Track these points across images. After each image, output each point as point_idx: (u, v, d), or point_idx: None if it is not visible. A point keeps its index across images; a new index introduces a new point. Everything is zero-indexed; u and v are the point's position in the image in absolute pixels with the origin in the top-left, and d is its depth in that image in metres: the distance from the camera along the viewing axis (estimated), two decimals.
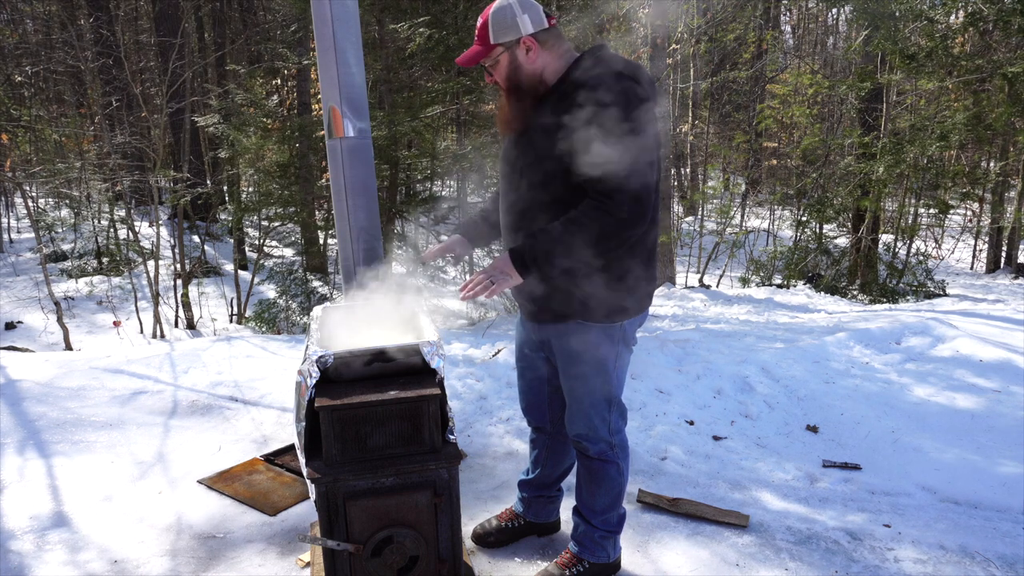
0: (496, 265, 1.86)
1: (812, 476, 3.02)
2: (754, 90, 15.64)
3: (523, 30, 1.90)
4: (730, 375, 3.93)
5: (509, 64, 1.94)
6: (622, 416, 2.15)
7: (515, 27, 1.90)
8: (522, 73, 1.94)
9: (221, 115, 7.05)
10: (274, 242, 10.36)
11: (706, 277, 10.13)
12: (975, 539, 2.51)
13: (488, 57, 1.95)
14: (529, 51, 1.92)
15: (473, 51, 1.96)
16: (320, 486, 1.80)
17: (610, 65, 1.86)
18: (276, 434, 3.34)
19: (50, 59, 12.23)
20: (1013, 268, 11.61)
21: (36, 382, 3.79)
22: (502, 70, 1.95)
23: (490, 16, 1.91)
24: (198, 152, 11.71)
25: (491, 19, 1.91)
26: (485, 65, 1.99)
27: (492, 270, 1.85)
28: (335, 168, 2.73)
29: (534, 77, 1.94)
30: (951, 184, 9.85)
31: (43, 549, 2.41)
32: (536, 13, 1.92)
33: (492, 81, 2.00)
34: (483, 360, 4.18)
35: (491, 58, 1.95)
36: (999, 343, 4.31)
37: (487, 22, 1.92)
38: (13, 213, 12.48)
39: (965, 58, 7.56)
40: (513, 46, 1.92)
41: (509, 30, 1.90)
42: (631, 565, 2.33)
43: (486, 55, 1.94)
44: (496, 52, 1.93)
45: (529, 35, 1.91)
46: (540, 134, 1.90)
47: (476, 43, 1.96)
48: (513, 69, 1.94)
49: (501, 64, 1.95)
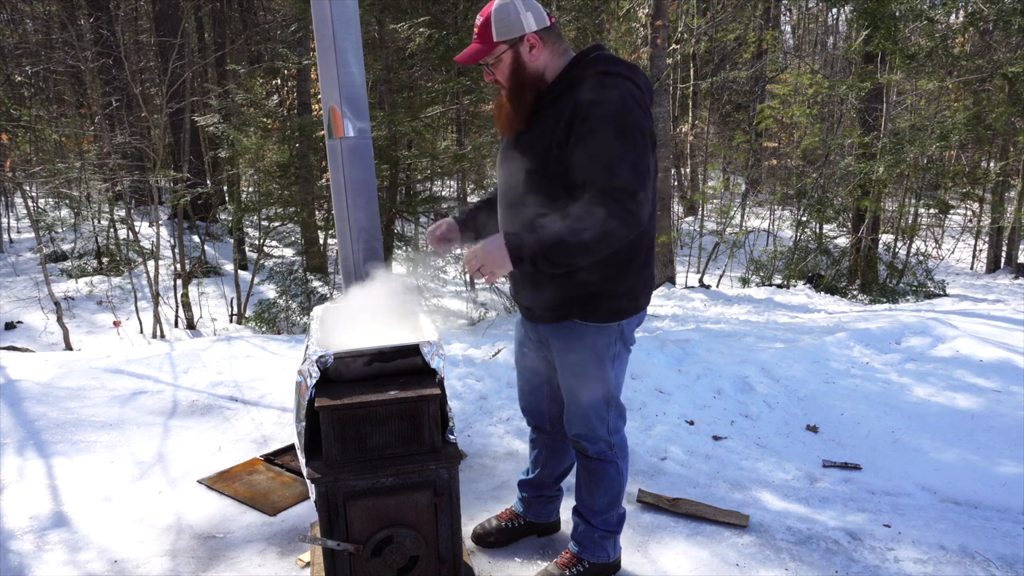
0: (488, 251, 1.78)
1: (812, 476, 3.02)
2: (754, 90, 15.65)
3: (527, 27, 1.89)
4: (730, 375, 3.93)
5: (513, 62, 1.92)
6: (621, 416, 2.15)
7: (519, 24, 1.89)
8: (525, 71, 1.92)
9: (221, 115, 7.04)
10: (274, 242, 10.36)
11: (706, 277, 10.13)
12: (975, 539, 2.51)
13: (490, 55, 1.93)
14: (532, 49, 1.91)
15: (473, 49, 1.94)
16: (320, 486, 1.80)
17: (607, 65, 1.86)
18: (276, 434, 3.34)
19: (50, 59, 12.23)
20: (1013, 268, 11.61)
21: (36, 382, 3.79)
22: (505, 68, 1.94)
23: (492, 13, 1.90)
24: (198, 152, 11.71)
25: (494, 16, 1.90)
26: (487, 63, 1.97)
27: (484, 256, 1.78)
28: (335, 168, 2.73)
29: (536, 75, 1.93)
30: (951, 184, 9.86)
31: (43, 549, 2.41)
32: (538, 11, 1.92)
33: (492, 80, 1.99)
34: (483, 360, 4.18)
35: (493, 56, 1.93)
36: (999, 343, 4.31)
37: (489, 19, 1.90)
38: (13, 213, 12.47)
39: (965, 58, 7.57)
40: (517, 44, 1.91)
41: (513, 27, 1.89)
42: (631, 565, 2.33)
43: (488, 53, 1.92)
44: (499, 50, 1.92)
45: (533, 32, 1.90)
46: (539, 133, 1.90)
47: (476, 41, 1.94)
48: (516, 67, 1.92)
49: (504, 62, 1.93)
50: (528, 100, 1.94)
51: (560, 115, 1.85)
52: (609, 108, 1.78)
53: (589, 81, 1.83)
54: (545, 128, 1.88)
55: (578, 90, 1.84)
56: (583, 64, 1.89)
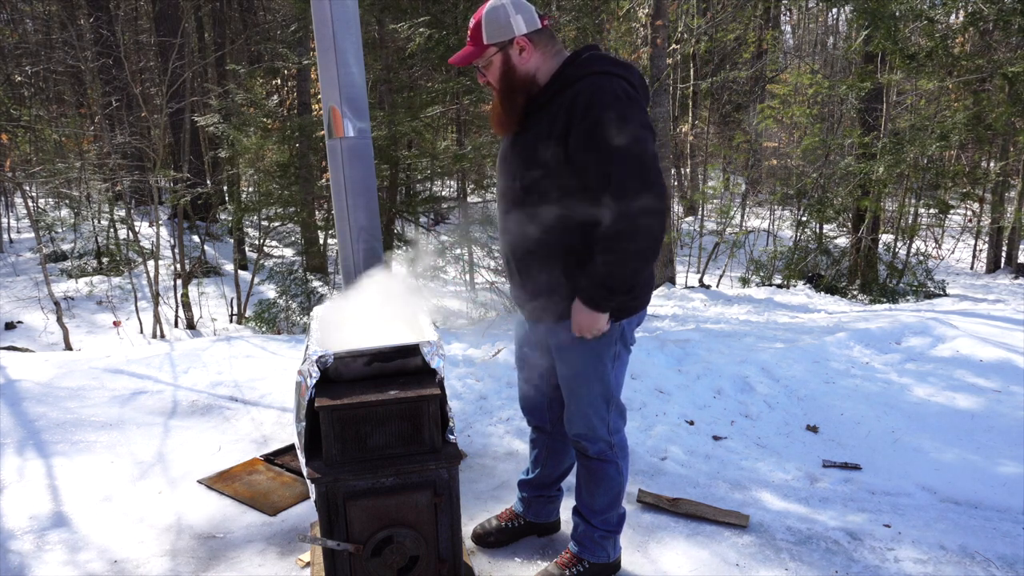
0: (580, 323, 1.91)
1: (812, 476, 3.02)
2: (754, 90, 15.64)
3: (516, 30, 1.90)
4: (730, 375, 3.93)
5: (503, 64, 1.93)
6: (621, 416, 2.15)
7: (508, 27, 1.90)
8: (515, 74, 1.94)
9: (221, 115, 7.04)
10: (274, 242, 10.36)
11: (706, 277, 10.13)
12: (975, 539, 2.51)
13: (481, 57, 1.95)
14: (523, 51, 1.92)
15: (466, 51, 1.96)
16: (320, 486, 1.80)
17: (601, 65, 1.87)
18: (276, 434, 3.34)
19: (50, 59, 12.23)
20: (1013, 268, 11.61)
21: (36, 382, 3.79)
22: (495, 70, 1.95)
23: (483, 16, 1.91)
24: (198, 152, 11.71)
25: (484, 19, 1.91)
26: (478, 65, 1.98)
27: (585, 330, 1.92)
28: (335, 168, 2.72)
29: (527, 78, 1.94)
30: (951, 184, 9.85)
31: (43, 549, 2.41)
32: (529, 14, 1.92)
33: (485, 82, 2.00)
34: (483, 360, 4.18)
35: (484, 58, 1.94)
36: (999, 343, 4.31)
37: (480, 22, 1.92)
38: (13, 213, 12.48)
39: (965, 58, 7.56)
40: (507, 46, 1.92)
41: (503, 30, 1.90)
42: (631, 565, 2.33)
43: (479, 56, 1.94)
44: (489, 52, 1.93)
45: (523, 35, 1.91)
46: (534, 135, 1.91)
47: (469, 43, 1.96)
48: (506, 69, 1.93)
49: (494, 64, 1.94)
50: (519, 102, 1.95)
51: (556, 116, 1.86)
52: (606, 108, 1.78)
53: (584, 82, 1.84)
54: (541, 130, 1.89)
55: (573, 91, 1.85)
56: (577, 64, 1.90)
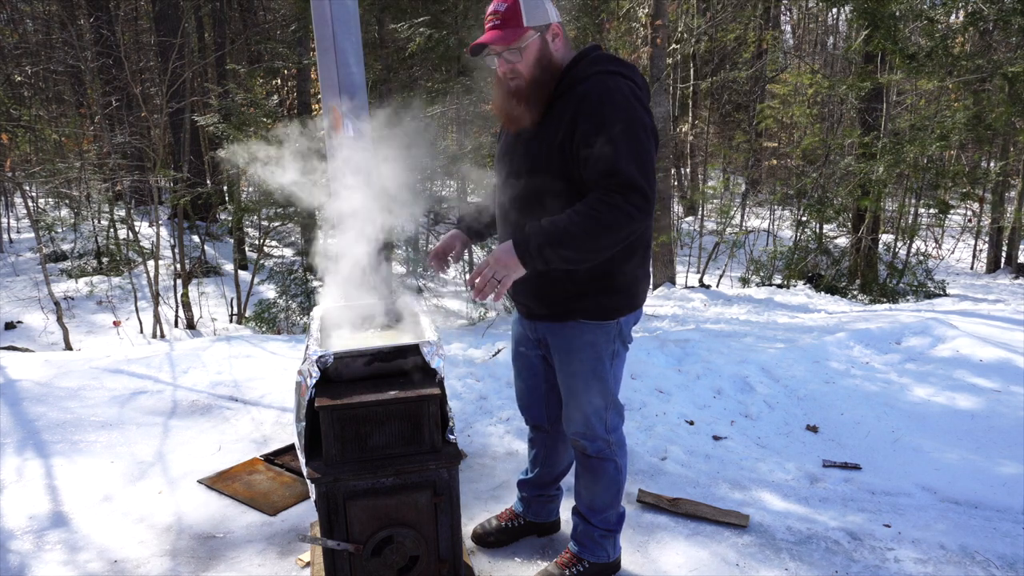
0: (498, 258, 1.77)
1: (812, 476, 3.02)
2: (754, 90, 15.64)
3: (552, 17, 1.87)
4: (730, 375, 3.93)
5: (539, 50, 1.86)
6: (619, 414, 2.15)
7: (545, 12, 1.86)
8: (551, 61, 1.88)
9: (221, 115, 7.04)
10: (274, 242, 10.35)
11: (706, 277, 10.12)
12: (975, 539, 2.51)
13: (518, 40, 1.83)
14: (555, 39, 1.89)
15: (497, 34, 1.84)
16: (320, 486, 1.80)
17: (607, 64, 1.87)
18: (276, 434, 3.34)
19: (50, 59, 12.22)
20: (1013, 268, 11.61)
21: (36, 382, 3.79)
22: (531, 56, 1.85)
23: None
24: (198, 152, 11.70)
25: (523, 1, 1.83)
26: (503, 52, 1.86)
27: (495, 264, 1.77)
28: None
29: (558, 67, 1.89)
30: (951, 184, 9.84)
31: (42, 549, 2.41)
32: (553, 6, 1.91)
33: (507, 69, 1.88)
34: (483, 360, 4.18)
35: (522, 41, 1.84)
36: (999, 343, 4.31)
37: (517, 4, 1.83)
38: (13, 213, 12.47)
39: (965, 58, 7.55)
40: (543, 31, 1.86)
41: (541, 14, 1.85)
42: (631, 565, 2.33)
43: (516, 38, 1.83)
44: (528, 36, 1.84)
45: (557, 23, 1.88)
46: (541, 131, 1.90)
47: (497, 28, 1.84)
48: (541, 56, 1.86)
49: (530, 49, 1.85)
50: (547, 92, 1.88)
51: (562, 114, 1.85)
52: (613, 107, 1.79)
53: (591, 81, 1.84)
54: (549, 127, 1.88)
55: (580, 89, 1.84)
56: (583, 63, 1.89)
